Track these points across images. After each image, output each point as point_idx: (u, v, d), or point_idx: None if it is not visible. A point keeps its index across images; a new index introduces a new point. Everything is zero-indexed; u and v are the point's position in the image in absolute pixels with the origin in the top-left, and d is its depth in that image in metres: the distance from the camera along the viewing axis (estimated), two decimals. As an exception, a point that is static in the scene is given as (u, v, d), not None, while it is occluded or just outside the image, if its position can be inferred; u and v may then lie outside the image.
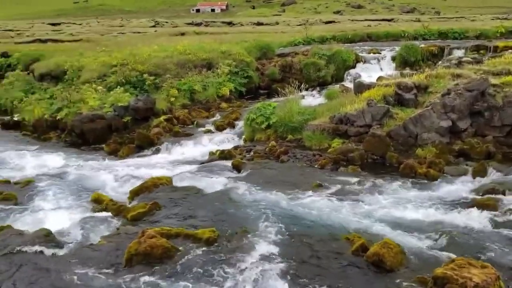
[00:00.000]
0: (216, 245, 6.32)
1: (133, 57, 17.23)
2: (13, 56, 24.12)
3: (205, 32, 34.89)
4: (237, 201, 7.82)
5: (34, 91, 17.36)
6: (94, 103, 13.97)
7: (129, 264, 5.85)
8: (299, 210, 7.34)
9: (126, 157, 11.56)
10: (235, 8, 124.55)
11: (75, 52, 20.51)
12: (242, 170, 9.45)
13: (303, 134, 10.79)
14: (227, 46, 19.18)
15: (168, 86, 15.51)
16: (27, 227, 7.15)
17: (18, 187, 9.26)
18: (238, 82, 17.03)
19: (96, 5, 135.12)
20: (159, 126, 13.10)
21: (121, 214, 7.56)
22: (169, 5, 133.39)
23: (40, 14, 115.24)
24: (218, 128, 12.84)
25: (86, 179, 9.77)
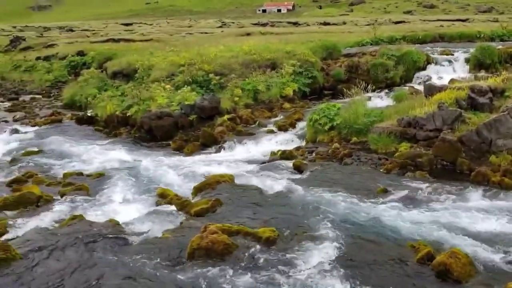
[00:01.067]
0: (276, 245, 6.31)
1: (200, 57, 17.61)
2: (89, 55, 25.60)
3: (270, 32, 35.06)
4: (298, 202, 7.76)
5: (107, 88, 18.17)
6: (162, 101, 14.43)
7: (191, 257, 5.99)
8: (362, 215, 7.16)
9: (191, 154, 11.84)
10: (302, 8, 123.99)
11: (146, 52, 21.34)
12: (303, 171, 9.37)
13: (368, 136, 10.51)
14: (292, 46, 19.13)
15: (232, 85, 15.72)
16: (97, 217, 7.54)
17: (90, 179, 9.77)
18: (302, 82, 16.91)
19: (166, 6, 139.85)
20: (223, 125, 13.31)
21: (185, 209, 7.75)
22: (236, 5, 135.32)
23: (114, 15, 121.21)
24: (280, 128, 12.82)
25: (152, 174, 10.10)
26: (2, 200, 8.25)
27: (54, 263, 5.82)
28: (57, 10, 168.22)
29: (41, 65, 28.99)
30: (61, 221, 7.39)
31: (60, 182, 9.57)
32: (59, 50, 31.64)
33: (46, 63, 29.24)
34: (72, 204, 8.26)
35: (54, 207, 8.10)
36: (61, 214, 7.80)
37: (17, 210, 8.00)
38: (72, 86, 21.04)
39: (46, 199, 8.39)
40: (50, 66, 28.19)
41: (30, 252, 6.06)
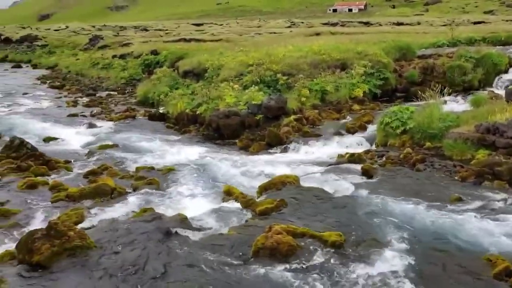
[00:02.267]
0: (342, 249, 6.17)
1: (269, 57, 17.65)
2: (161, 54, 26.50)
3: (340, 32, 34.54)
4: (366, 207, 7.53)
5: (178, 87, 18.72)
6: (230, 100, 14.63)
7: (256, 256, 6.00)
8: (434, 224, 6.81)
9: (256, 153, 11.90)
10: (374, 8, 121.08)
11: (216, 51, 21.74)
12: (372, 176, 9.09)
13: (443, 142, 10.00)
14: (363, 47, 18.66)
15: (300, 86, 15.61)
16: (167, 210, 7.75)
17: (160, 174, 10.10)
18: (373, 83, 16.45)
19: (236, 6, 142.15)
20: (289, 125, 13.25)
21: (250, 208, 7.79)
22: (306, 5, 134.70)
23: (186, 15, 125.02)
24: (349, 131, 12.53)
25: (219, 171, 10.26)
26: (79, 190, 8.74)
27: (125, 253, 6.06)
28: (133, 10, 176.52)
29: (117, 63, 30.46)
30: (133, 213, 7.70)
31: (133, 176, 9.97)
32: (134, 49, 33.06)
33: (121, 61, 30.68)
34: (143, 197, 8.58)
35: (126, 199, 8.46)
36: (133, 206, 8.13)
37: (92, 200, 8.44)
38: (145, 83, 21.89)
39: (120, 191, 8.78)
40: (126, 64, 29.53)
41: (104, 241, 6.35)
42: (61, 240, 5.93)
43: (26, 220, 7.64)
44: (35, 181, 9.42)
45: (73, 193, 8.61)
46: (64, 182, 9.57)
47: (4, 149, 11.82)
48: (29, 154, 11.22)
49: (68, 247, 5.92)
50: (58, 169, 10.69)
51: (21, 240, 6.07)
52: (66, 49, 50.43)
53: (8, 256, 6.15)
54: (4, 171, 10.28)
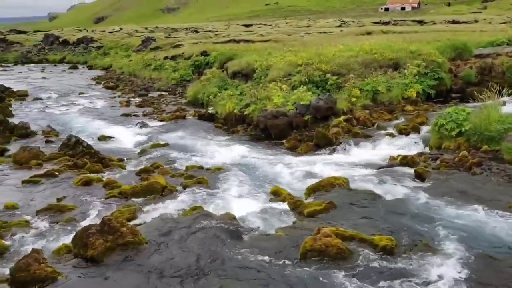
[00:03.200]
0: (393, 255, 5.98)
1: (318, 56, 17.46)
2: (211, 55, 26.88)
3: (393, 31, 33.64)
4: (419, 212, 7.28)
5: (227, 87, 18.91)
6: (278, 101, 14.60)
7: (304, 258, 5.93)
8: (491, 231, 6.49)
9: (304, 154, 11.80)
10: (428, 6, 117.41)
11: (264, 52, 21.78)
12: (426, 179, 8.77)
13: (501, 145, 9.49)
14: (417, 46, 18.07)
15: (350, 86, 15.33)
16: (215, 209, 7.83)
17: (209, 173, 10.23)
18: (426, 84, 15.89)
19: (285, 6, 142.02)
20: (338, 126, 13.03)
21: (298, 209, 7.72)
22: (357, 4, 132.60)
23: (235, 16, 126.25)
24: (401, 132, 12.16)
25: (266, 171, 10.28)
26: (131, 187, 9.00)
27: (175, 250, 6.16)
28: (184, 12, 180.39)
29: (168, 64, 31.20)
30: (183, 211, 7.83)
31: (183, 174, 10.15)
32: (184, 50, 33.72)
33: (172, 62, 31.40)
34: (193, 195, 8.72)
35: (176, 197, 8.64)
36: (183, 204, 8.28)
37: (144, 197, 8.67)
38: (195, 84, 22.28)
39: (170, 189, 8.97)
40: (176, 65, 30.19)
41: (155, 238, 6.49)
42: (114, 236, 6.10)
43: (81, 215, 7.96)
44: (90, 178, 9.79)
45: (125, 190, 8.88)
46: (117, 179, 9.91)
47: (61, 147, 12.40)
48: (85, 152, 11.70)
49: (121, 243, 6.08)
50: (111, 167, 11.07)
51: (77, 235, 6.31)
52: (120, 51, 52.33)
53: (65, 249, 6.41)
54: (61, 168, 10.76)
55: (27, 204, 8.64)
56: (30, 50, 63.31)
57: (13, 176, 10.45)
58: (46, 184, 9.79)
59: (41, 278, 5.42)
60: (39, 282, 5.40)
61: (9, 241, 6.88)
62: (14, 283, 5.45)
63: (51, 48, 63.42)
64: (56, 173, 10.35)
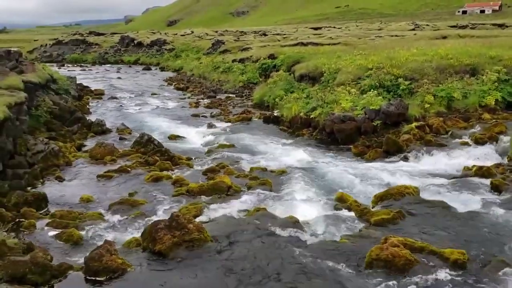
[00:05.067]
0: (465, 269, 5.67)
1: (389, 60, 16.96)
2: (278, 58, 26.93)
3: (470, 35, 31.95)
4: (494, 225, 6.85)
5: (293, 90, 18.87)
6: (346, 105, 14.34)
7: (369, 267, 5.77)
8: None
9: (373, 160, 11.48)
10: (510, 9, 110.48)
11: (333, 55, 21.49)
12: (503, 192, 8.23)
13: None
14: (497, 51, 17.04)
15: (424, 91, 14.72)
16: (279, 212, 7.82)
17: (273, 175, 10.25)
18: (507, 91, 14.89)
19: (356, 9, 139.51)
20: (409, 132, 12.55)
21: (364, 217, 7.53)
22: (432, 7, 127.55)
23: (304, 19, 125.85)
24: (477, 141, 11.48)
25: (331, 177, 10.11)
26: (198, 186, 9.22)
27: (238, 249, 6.23)
28: (253, 16, 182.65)
29: (236, 67, 31.71)
30: (247, 211, 7.91)
31: (247, 175, 10.25)
32: (252, 53, 34.09)
33: (240, 65, 31.87)
34: (257, 196, 8.79)
35: (241, 197, 8.74)
36: (247, 204, 8.38)
37: (210, 196, 8.86)
38: (262, 87, 22.47)
39: (235, 190, 9.09)
40: (244, 68, 30.61)
41: (219, 236, 6.60)
42: (181, 232, 6.28)
43: (151, 210, 8.26)
44: (160, 175, 10.16)
45: (193, 188, 9.12)
46: (185, 177, 10.20)
47: (134, 144, 12.97)
48: (156, 150, 12.17)
49: (187, 239, 6.25)
50: (180, 165, 11.41)
51: (146, 229, 6.56)
52: (190, 53, 53.97)
53: (135, 242, 6.68)
54: (133, 165, 11.25)
55: (101, 197, 9.12)
56: (107, 51, 66.87)
57: (89, 170, 11.07)
58: (119, 179, 10.28)
59: (112, 269, 5.69)
60: (110, 272, 5.67)
61: (84, 231, 7.28)
62: (87, 271, 5.76)
63: (127, 49, 66.64)
64: (129, 169, 10.83)
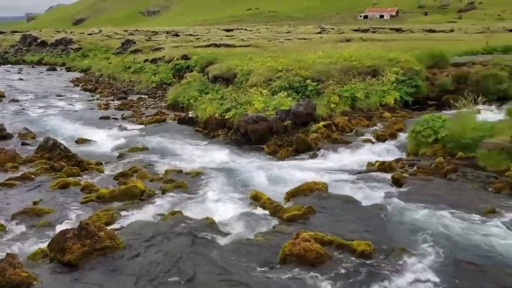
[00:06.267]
0: (371, 259, 6.07)
1: (298, 62, 17.60)
2: (192, 59, 26.78)
3: (372, 39, 34.17)
4: (396, 217, 7.40)
5: (208, 91, 18.87)
6: (259, 106, 14.65)
7: (283, 263, 5.97)
8: (466, 236, 6.63)
9: (284, 159, 11.86)
10: (406, 15, 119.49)
11: (245, 57, 21.81)
12: (403, 185, 8.91)
13: (476, 152, 9.73)
14: (395, 54, 18.40)
15: (329, 92, 15.49)
16: (195, 214, 7.79)
17: (189, 177, 10.20)
18: (404, 91, 16.18)
19: (266, 12, 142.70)
20: (317, 131, 13.15)
21: (277, 214, 7.76)
22: (337, 11, 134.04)
23: (216, 21, 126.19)
24: (379, 138, 12.34)
25: (246, 176, 10.28)
26: (110, 192, 8.91)
27: (153, 255, 6.12)
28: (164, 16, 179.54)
29: (148, 67, 30.96)
30: (162, 216, 7.78)
31: (162, 178, 10.09)
32: (165, 53, 33.51)
33: (153, 65, 31.17)
34: (172, 199, 8.68)
35: (155, 202, 8.58)
36: (162, 208, 8.24)
37: (122, 202, 8.58)
38: (175, 88, 22.18)
39: (149, 194, 8.90)
40: (157, 68, 29.98)
41: (133, 242, 6.43)
42: (92, 240, 6.04)
43: (58, 219, 7.83)
44: (67, 182, 9.65)
45: (103, 194, 8.78)
46: (95, 183, 9.79)
47: (38, 150, 12.18)
48: (62, 155, 11.51)
49: (98, 247, 6.02)
50: (89, 171, 10.93)
51: (53, 239, 6.22)
52: (99, 53, 51.73)
53: (41, 254, 6.30)
54: (38, 171, 10.58)
55: (3, 207, 8.47)
56: (7, 50, 61.96)
57: (-13, 179, 10.22)
58: (22, 187, 9.62)
59: (16, 283, 5.33)
60: (14, 287, 5.30)
61: (-17, 245, 6.73)
62: (-13, 288, 5.34)
63: (29, 49, 62.21)
64: (33, 176, 10.17)
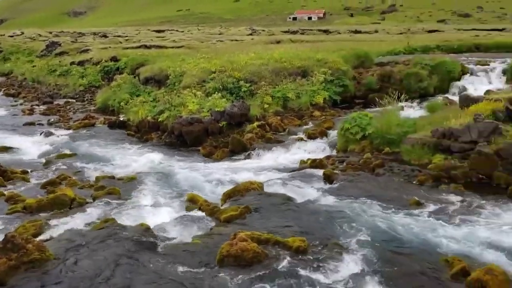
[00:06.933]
0: (306, 254, 6.25)
1: (231, 64, 17.70)
2: (121, 60, 26.03)
3: (301, 40, 34.97)
4: (328, 212, 7.67)
5: (139, 94, 18.45)
6: (193, 107, 14.57)
7: (221, 264, 6.00)
8: (394, 227, 7.02)
9: (220, 160, 11.90)
10: (333, 16, 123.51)
11: (177, 58, 21.57)
12: (334, 181, 9.25)
13: (401, 147, 10.32)
14: (323, 54, 19.02)
15: (262, 93, 15.74)
16: (129, 221, 7.63)
17: (122, 183, 9.93)
18: (333, 90, 16.80)
19: (197, 13, 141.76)
20: (252, 132, 13.33)
21: (214, 215, 7.78)
22: (267, 13, 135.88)
23: (146, 22, 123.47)
24: (310, 137, 12.72)
25: (182, 179, 10.20)
26: (37, 201, 8.47)
27: (86, 265, 5.90)
28: (91, 17, 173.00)
29: (75, 70, 29.68)
30: (94, 224, 7.52)
31: (93, 185, 9.76)
32: (93, 55, 32.28)
33: (80, 68, 29.91)
34: (104, 207, 8.41)
35: (87, 210, 8.27)
36: (93, 217, 7.96)
37: (51, 211, 8.20)
38: (105, 91, 21.48)
39: (79, 202, 8.56)
40: (84, 71, 28.82)
41: (64, 253, 6.16)
42: (19, 254, 5.72)
43: (-20, 233, 7.33)
44: (-10, 193, 9.05)
45: (30, 204, 8.33)
46: (21, 193, 9.26)
47: (-45, 160, 11.32)
48: (-17, 165, 10.78)
49: (26, 261, 5.72)
50: (14, 180, 10.32)
51: (-25, 255, 5.81)
52: (21, 56, 48.75)
53: (-39, 272, 5.86)
54: (-44, 183, 9.84)
55: None
56: None
57: None
58: None
59: None
60: None
61: None
62: None
63: None
64: (-51, 190, 9.43)
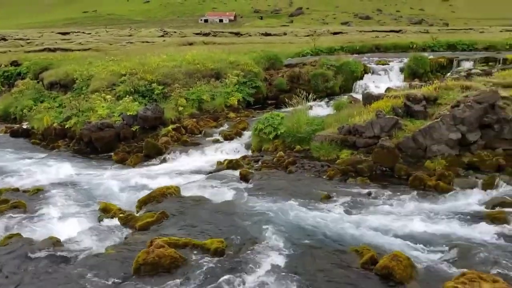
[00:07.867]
0: (224, 256, 6.30)
1: (142, 66, 17.30)
2: (23, 65, 24.37)
3: (213, 42, 35.11)
4: (245, 211, 7.80)
5: (44, 100, 17.48)
6: (103, 112, 14.04)
7: (137, 273, 5.85)
8: (308, 222, 7.30)
9: (134, 166, 11.59)
10: (243, 19, 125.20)
11: (84, 61, 20.64)
12: (249, 180, 9.43)
13: (311, 144, 10.77)
14: (235, 57, 19.25)
15: (176, 95, 15.57)
16: (36, 235, 7.20)
17: (27, 195, 9.33)
18: (246, 92, 17.07)
19: (105, 15, 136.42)
20: (167, 135, 13.13)
21: (129, 223, 7.57)
22: (178, 15, 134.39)
23: (50, 24, 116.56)
24: (226, 138, 12.83)
25: (94, 188, 9.81)
26: None
27: (-12, 287, 5.49)
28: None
29: (-30, 76, 27.24)
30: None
31: (-6, 199, 9.03)
32: (-11, 59, 29.83)
33: (-24, 73, 27.50)
34: (8, 221, 7.87)
35: (-12, 226, 7.65)
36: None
37: None
38: (5, 97, 20.06)
39: (-21, 218, 7.90)
40: (-19, 77, 26.53)
41: (-38, 275, 5.68)
42: None
43: None
44: None
45: None
46: None
47: None
48: None
49: None
50: None
51: None
52: None
53: None
54: None
55: None
56: None
57: None
58: None
59: None
60: None
61: None
62: None
63: None
64: None
